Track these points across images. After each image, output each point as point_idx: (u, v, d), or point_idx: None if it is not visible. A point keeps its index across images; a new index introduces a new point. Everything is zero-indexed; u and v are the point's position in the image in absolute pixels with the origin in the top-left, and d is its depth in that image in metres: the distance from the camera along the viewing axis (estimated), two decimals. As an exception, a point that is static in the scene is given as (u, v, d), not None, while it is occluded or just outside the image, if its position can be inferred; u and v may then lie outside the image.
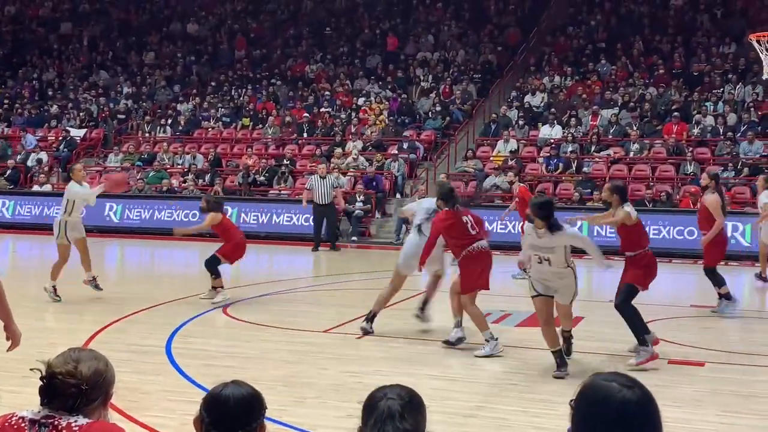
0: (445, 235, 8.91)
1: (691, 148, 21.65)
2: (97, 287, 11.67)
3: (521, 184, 15.79)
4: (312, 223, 19.36)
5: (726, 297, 10.97)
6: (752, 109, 22.95)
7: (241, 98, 28.77)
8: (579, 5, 30.65)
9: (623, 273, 8.50)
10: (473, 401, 6.86)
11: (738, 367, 8.23)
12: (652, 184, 20.50)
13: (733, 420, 6.51)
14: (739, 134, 21.85)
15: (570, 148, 22.35)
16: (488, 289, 8.89)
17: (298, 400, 6.82)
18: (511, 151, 22.83)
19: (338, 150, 23.79)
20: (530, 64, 28.05)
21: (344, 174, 22.66)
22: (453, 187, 9.66)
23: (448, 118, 25.62)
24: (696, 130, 22.60)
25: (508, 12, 31.25)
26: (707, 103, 23.63)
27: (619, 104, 24.38)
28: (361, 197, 21.42)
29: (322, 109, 26.94)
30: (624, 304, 8.28)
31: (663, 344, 9.16)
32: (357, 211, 21.10)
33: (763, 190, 13.96)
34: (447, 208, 8.81)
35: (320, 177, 19.07)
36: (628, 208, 8.48)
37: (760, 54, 10.53)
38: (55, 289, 11.32)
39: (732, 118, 22.82)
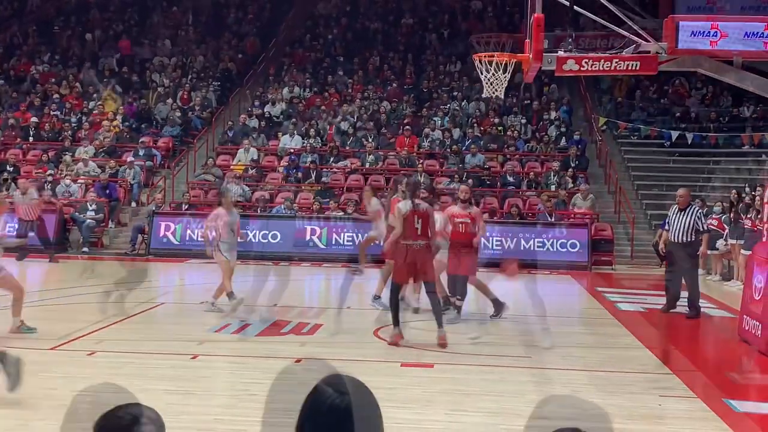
0: None
1: (421, 160, 22.82)
2: None
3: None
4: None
5: (456, 307, 11.39)
6: (475, 124, 24.61)
7: (-43, 98, 26.41)
8: (316, 18, 31.29)
9: None
10: (211, 414, 6.74)
11: (463, 367, 8.75)
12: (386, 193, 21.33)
13: (460, 418, 6.89)
14: (464, 147, 23.35)
15: (309, 158, 22.74)
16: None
17: (22, 423, 6.37)
18: (252, 160, 22.80)
19: (67, 156, 22.53)
20: (270, 73, 28.22)
21: (74, 181, 21.53)
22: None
23: (186, 125, 25.13)
24: (426, 143, 23.86)
25: (247, 21, 31.26)
26: (435, 118, 25.04)
27: (356, 117, 25.17)
28: (93, 206, 20.39)
29: (51, 112, 25.38)
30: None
31: (394, 349, 9.54)
32: (88, 221, 20.06)
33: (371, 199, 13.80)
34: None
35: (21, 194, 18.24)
36: (402, 204, 9.72)
37: (480, 74, 11.29)
38: None
39: (457, 133, 24.34)
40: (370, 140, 23.62)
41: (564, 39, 11.08)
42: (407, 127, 24.04)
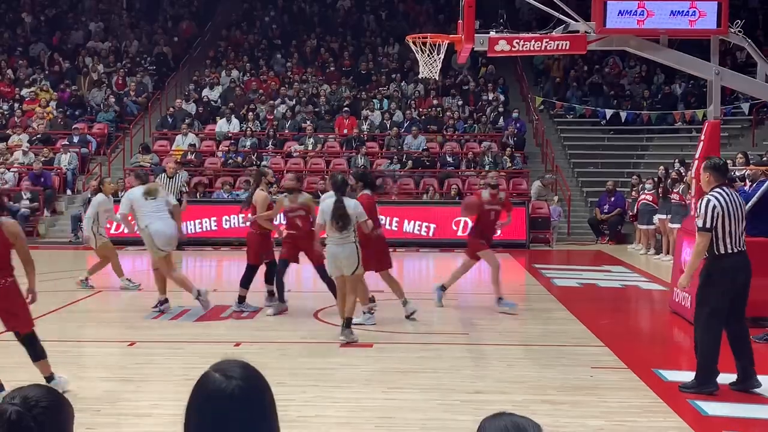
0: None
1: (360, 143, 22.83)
2: None
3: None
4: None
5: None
6: (414, 106, 24.67)
7: None
8: (252, 1, 31.01)
9: None
10: (148, 400, 6.73)
11: (401, 346, 8.87)
12: (326, 176, 21.33)
13: (397, 395, 7.00)
14: (403, 129, 23.42)
15: (248, 143, 22.60)
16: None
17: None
18: (190, 145, 22.57)
19: (1, 144, 22.05)
20: (207, 57, 27.91)
21: (8, 169, 21.09)
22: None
23: (121, 111, 24.76)
24: (365, 126, 23.86)
25: (181, 4, 30.85)
26: (375, 100, 25.06)
27: (294, 100, 25.06)
28: (28, 195, 20.00)
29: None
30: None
31: (335, 329, 9.60)
32: (23, 210, 19.68)
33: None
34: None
35: None
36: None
37: (417, 54, 11.36)
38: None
39: (397, 115, 24.39)
40: (308, 123, 23.52)
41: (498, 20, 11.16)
42: (346, 109, 24.03)
